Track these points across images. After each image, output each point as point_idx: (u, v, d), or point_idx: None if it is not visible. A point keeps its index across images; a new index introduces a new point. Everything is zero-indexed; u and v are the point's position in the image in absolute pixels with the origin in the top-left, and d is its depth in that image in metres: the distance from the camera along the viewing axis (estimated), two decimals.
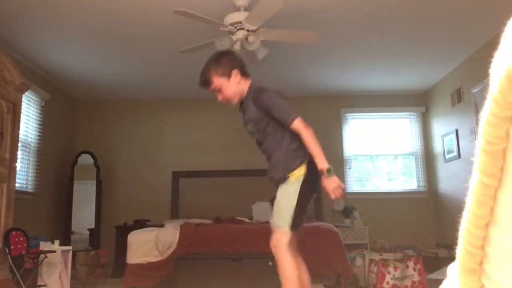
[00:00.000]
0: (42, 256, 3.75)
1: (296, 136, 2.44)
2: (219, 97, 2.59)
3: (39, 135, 5.35)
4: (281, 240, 2.36)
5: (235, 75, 2.56)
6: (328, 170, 2.32)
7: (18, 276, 3.53)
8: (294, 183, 2.41)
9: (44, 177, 5.42)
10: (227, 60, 2.57)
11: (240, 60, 2.64)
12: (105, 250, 5.14)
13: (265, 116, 2.49)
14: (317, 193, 2.61)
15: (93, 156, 6.05)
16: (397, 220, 6.01)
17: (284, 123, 2.43)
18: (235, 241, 4.15)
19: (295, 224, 2.40)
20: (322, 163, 2.34)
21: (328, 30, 4.26)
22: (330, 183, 2.33)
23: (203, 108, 6.44)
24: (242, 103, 2.64)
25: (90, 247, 5.45)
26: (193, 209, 5.87)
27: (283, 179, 2.45)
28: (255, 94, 2.52)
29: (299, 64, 5.22)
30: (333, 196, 2.35)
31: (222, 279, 4.02)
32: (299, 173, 2.42)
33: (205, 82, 2.56)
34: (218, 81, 2.54)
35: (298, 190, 2.40)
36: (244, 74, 2.61)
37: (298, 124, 2.39)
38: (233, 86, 2.55)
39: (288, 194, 2.42)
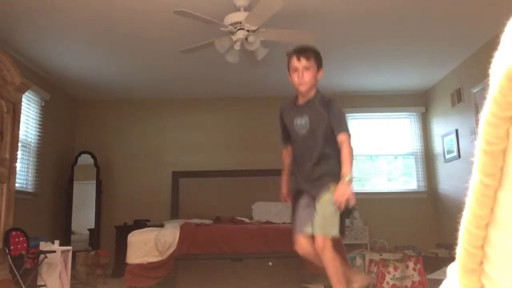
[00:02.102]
0: (42, 256, 3.75)
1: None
2: (299, 76, 2.73)
3: (39, 135, 5.35)
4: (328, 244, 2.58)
5: (321, 73, 2.81)
6: (349, 178, 2.54)
7: (18, 276, 3.53)
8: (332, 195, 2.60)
9: (44, 177, 5.42)
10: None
11: None
12: (105, 250, 5.14)
13: (327, 122, 2.71)
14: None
15: (93, 156, 6.05)
16: (397, 220, 6.01)
17: (336, 132, 2.66)
18: (235, 241, 4.15)
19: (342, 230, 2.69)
20: (348, 169, 2.57)
21: (328, 31, 4.26)
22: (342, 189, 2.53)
23: (203, 108, 6.44)
24: (305, 102, 2.82)
25: (90, 247, 5.45)
26: (193, 209, 5.87)
27: (326, 186, 2.64)
28: (327, 100, 2.76)
29: None
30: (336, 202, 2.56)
31: (222, 279, 4.02)
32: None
33: (309, 55, 2.73)
34: (313, 63, 2.73)
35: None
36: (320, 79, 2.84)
37: (347, 139, 2.63)
38: (315, 77, 2.76)
39: (330, 203, 2.59)
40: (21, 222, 4.05)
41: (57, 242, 4.09)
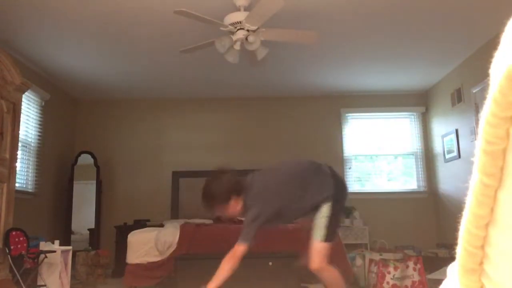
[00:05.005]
0: (42, 256, 3.75)
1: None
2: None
3: (39, 135, 5.35)
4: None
5: (234, 201, 2.76)
6: None
7: (18, 276, 3.53)
8: None
9: (44, 177, 5.42)
10: (223, 189, 2.70)
11: (233, 181, 2.76)
12: (105, 250, 5.14)
13: None
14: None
15: (93, 156, 6.05)
16: (397, 220, 6.01)
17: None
18: (235, 241, 4.14)
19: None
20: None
21: (328, 30, 4.26)
22: None
23: (203, 108, 6.44)
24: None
25: (90, 247, 5.45)
26: (193, 209, 5.86)
27: None
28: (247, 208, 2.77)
29: (299, 64, 5.21)
30: None
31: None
32: None
33: (210, 208, 2.78)
34: (219, 208, 2.77)
35: None
36: (238, 193, 2.75)
37: (236, 250, 2.67)
38: (231, 209, 2.81)
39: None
40: (21, 222, 4.05)
41: (57, 242, 4.09)
